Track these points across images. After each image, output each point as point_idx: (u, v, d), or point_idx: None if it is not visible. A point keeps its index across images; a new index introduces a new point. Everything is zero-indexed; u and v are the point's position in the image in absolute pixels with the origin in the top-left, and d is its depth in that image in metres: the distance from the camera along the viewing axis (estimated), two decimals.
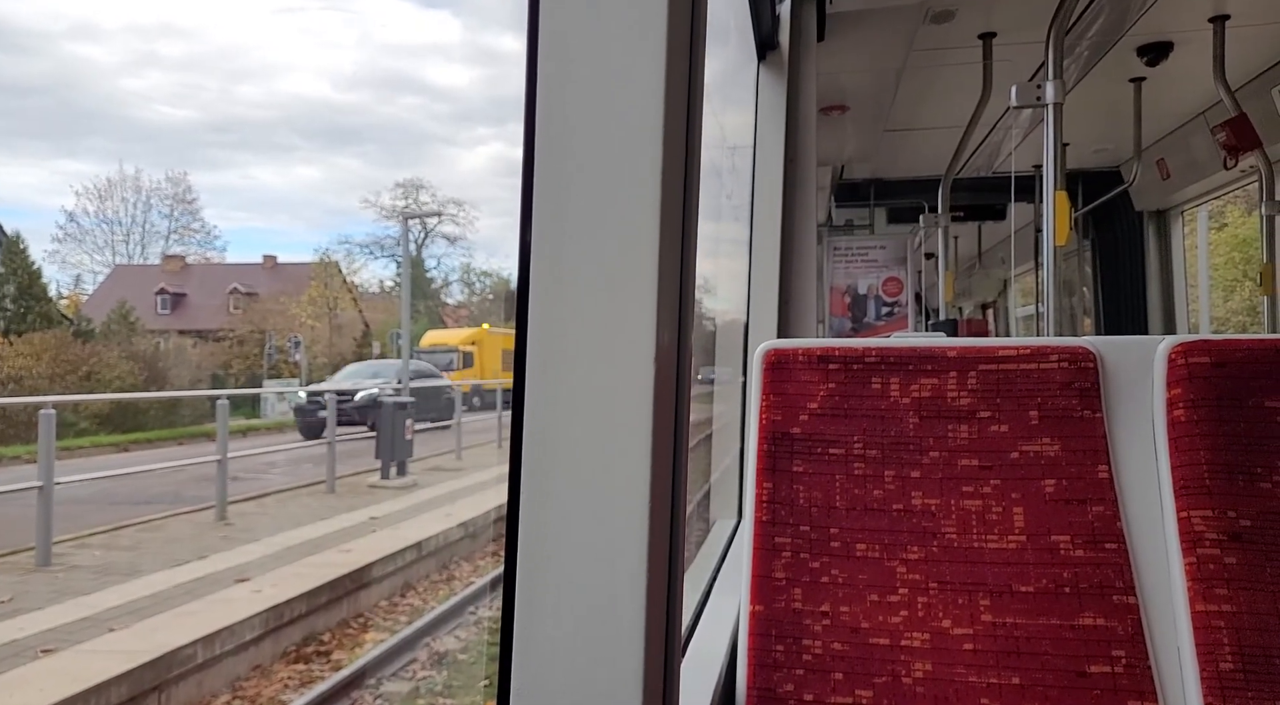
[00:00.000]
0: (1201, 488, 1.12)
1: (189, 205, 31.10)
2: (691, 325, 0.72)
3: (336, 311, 27.41)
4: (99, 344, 18.99)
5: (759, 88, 2.45)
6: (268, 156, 38.40)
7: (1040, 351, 1.22)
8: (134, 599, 6.11)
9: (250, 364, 23.66)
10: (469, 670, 5.97)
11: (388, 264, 36.03)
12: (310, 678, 5.71)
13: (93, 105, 33.72)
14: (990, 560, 1.14)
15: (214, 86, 34.99)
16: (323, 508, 9.72)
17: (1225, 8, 2.96)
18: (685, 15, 0.66)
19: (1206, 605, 1.08)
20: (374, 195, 44.03)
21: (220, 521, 8.81)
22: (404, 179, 40.42)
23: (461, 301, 37.10)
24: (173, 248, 30.24)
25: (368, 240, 36.66)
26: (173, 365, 21.42)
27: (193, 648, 5.30)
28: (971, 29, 3.12)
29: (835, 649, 1.13)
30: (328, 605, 6.58)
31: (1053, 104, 2.48)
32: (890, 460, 1.21)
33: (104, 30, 34.66)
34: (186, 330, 25.49)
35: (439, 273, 37.07)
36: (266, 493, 10.49)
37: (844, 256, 5.15)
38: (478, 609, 7.05)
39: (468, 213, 37.81)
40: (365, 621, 6.81)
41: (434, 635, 6.44)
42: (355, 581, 6.96)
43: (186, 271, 29.33)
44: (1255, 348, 1.16)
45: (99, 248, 30.25)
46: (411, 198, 36.33)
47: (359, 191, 40.45)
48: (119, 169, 31.22)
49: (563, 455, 0.63)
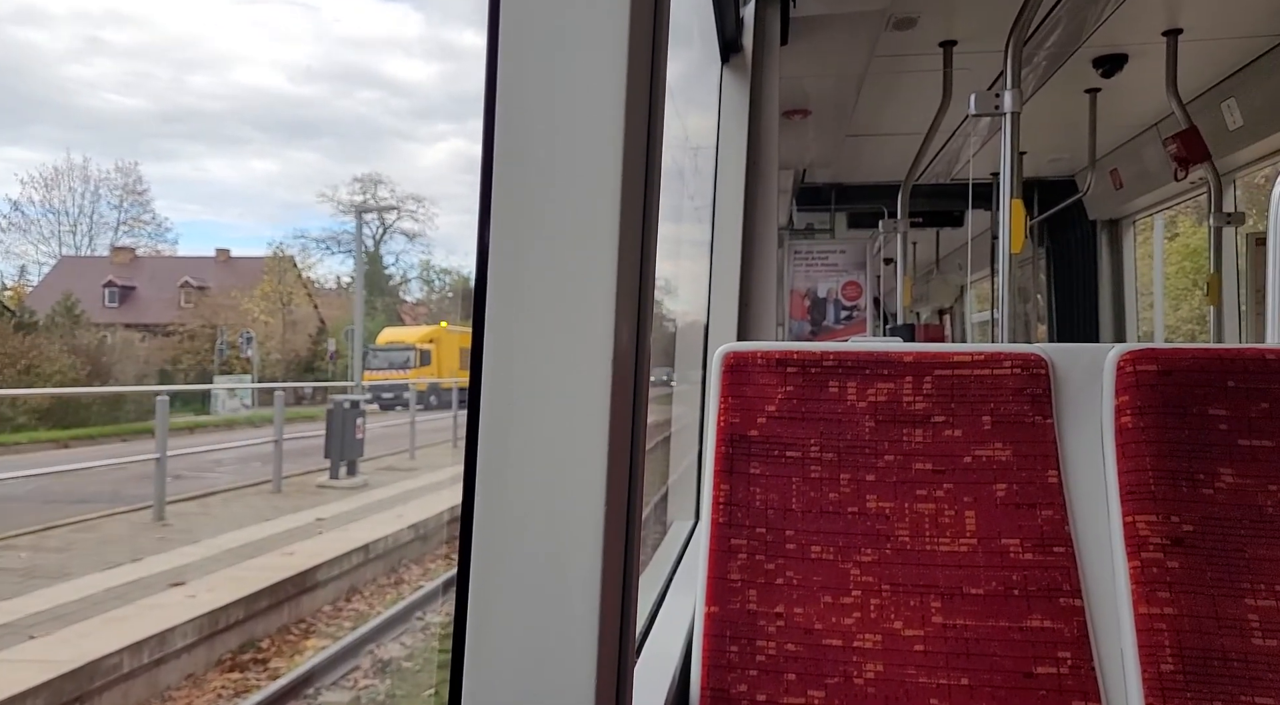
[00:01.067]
0: (1146, 493, 1.14)
1: (139, 196, 30.05)
2: (650, 326, 0.71)
3: (291, 307, 26.92)
4: (40, 337, 18.43)
5: (722, 90, 2.46)
6: (221, 148, 37.66)
7: (994, 357, 1.23)
8: (60, 604, 5.83)
9: (201, 359, 22.98)
10: (414, 678, 5.84)
11: (345, 260, 35.46)
12: (245, 687, 5.53)
13: (39, 92, 32.81)
14: (942, 563, 1.16)
15: (165, 76, 34.20)
16: (268, 508, 9.46)
17: (1178, 22, 3.03)
18: (647, 16, 0.65)
19: (1149, 608, 1.10)
20: (331, 189, 42.76)
21: (158, 522, 8.45)
22: (362, 173, 39.59)
23: (420, 299, 36.57)
24: (122, 239, 29.26)
25: (324, 235, 35.32)
26: (119, 360, 20.71)
27: (119, 656, 5.08)
28: (933, 37, 3.16)
29: (789, 650, 1.14)
30: (268, 610, 6.38)
31: (1010, 113, 2.52)
32: (846, 463, 1.22)
33: (50, 16, 33.79)
34: (135, 324, 24.70)
35: (397, 269, 36.47)
36: (210, 492, 10.15)
37: (804, 260, 5.19)
38: (425, 614, 6.91)
39: (427, 209, 36.89)
40: (307, 627, 6.63)
41: (379, 642, 6.30)
42: (297, 586, 6.75)
43: (136, 264, 28.37)
44: (1200, 356, 1.19)
45: (45, 238, 29.34)
46: (370, 193, 35.33)
47: (316, 185, 39.51)
48: (66, 157, 30.09)
49: (518, 456, 0.63)
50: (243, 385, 20.55)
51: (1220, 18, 2.99)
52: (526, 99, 0.63)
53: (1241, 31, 3.10)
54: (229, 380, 21.85)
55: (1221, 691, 1.05)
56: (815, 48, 3.13)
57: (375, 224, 34.71)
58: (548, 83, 0.62)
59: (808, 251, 5.23)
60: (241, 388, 19.82)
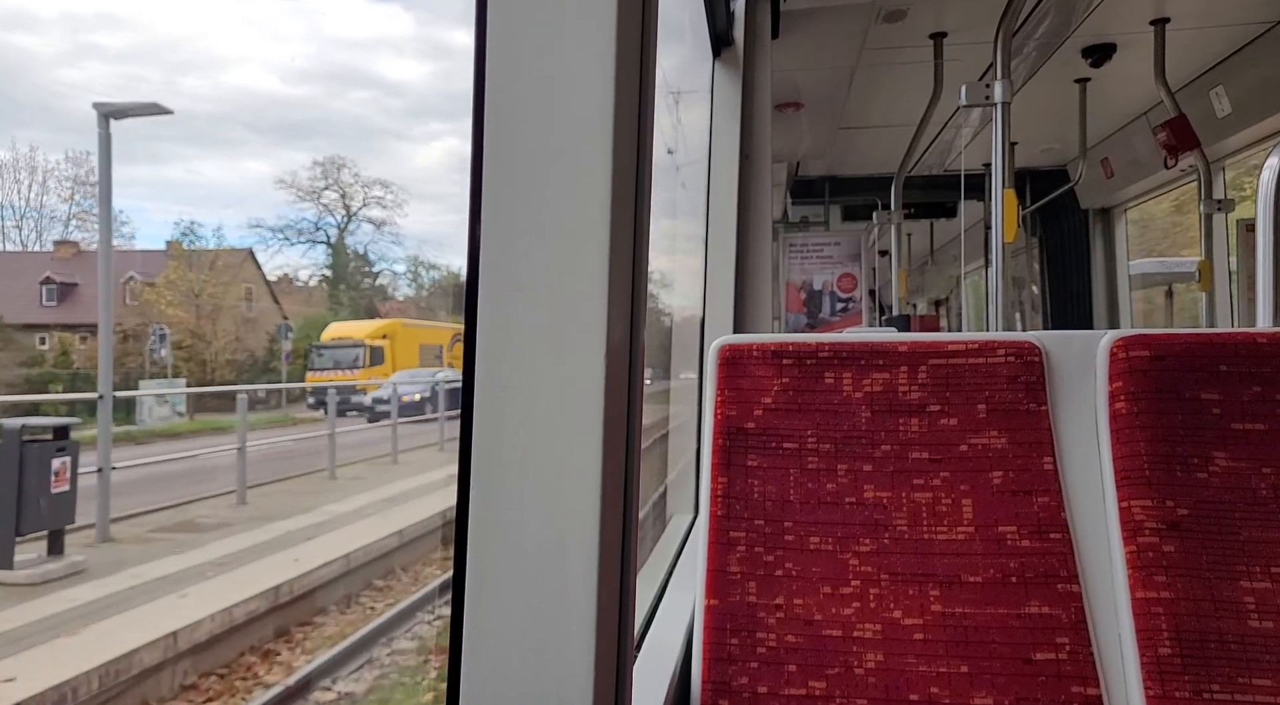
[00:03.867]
0: (1141, 478, 1.15)
1: (92, 188, 27.43)
2: (644, 322, 0.71)
3: (252, 302, 24.98)
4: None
5: (714, 84, 2.46)
6: (213, 150, 37.36)
7: (988, 346, 1.24)
8: None
9: (144, 361, 20.86)
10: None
11: (307, 251, 33.36)
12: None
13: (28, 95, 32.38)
14: (940, 551, 1.16)
15: (157, 78, 33.87)
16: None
17: (1165, 10, 3.04)
18: (636, 11, 0.66)
19: (1146, 592, 1.11)
20: (289, 175, 37.99)
21: None
22: (323, 157, 36.26)
23: (409, 295, 35.03)
24: (73, 233, 26.69)
25: (280, 224, 32.26)
26: (49, 366, 18.30)
27: None
28: (923, 29, 3.17)
29: (789, 641, 1.14)
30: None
31: (1001, 103, 2.53)
32: (843, 454, 1.22)
33: (40, 20, 33.49)
34: (76, 324, 22.14)
35: (359, 258, 34.36)
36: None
37: (799, 252, 5.19)
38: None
39: (395, 195, 34.44)
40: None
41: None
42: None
43: (79, 259, 24.96)
44: (1192, 341, 1.19)
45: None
46: (332, 177, 32.53)
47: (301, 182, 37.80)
48: (12, 150, 27.27)
49: (513, 454, 0.63)
50: (175, 391, 17.88)
51: (1207, 6, 2.99)
52: (516, 95, 0.63)
53: (1228, 19, 3.11)
54: (160, 384, 19.38)
55: (1219, 674, 1.06)
56: (806, 41, 3.13)
57: (340, 213, 32.30)
58: (536, 81, 0.62)
59: (802, 244, 5.23)
60: (173, 393, 17.14)
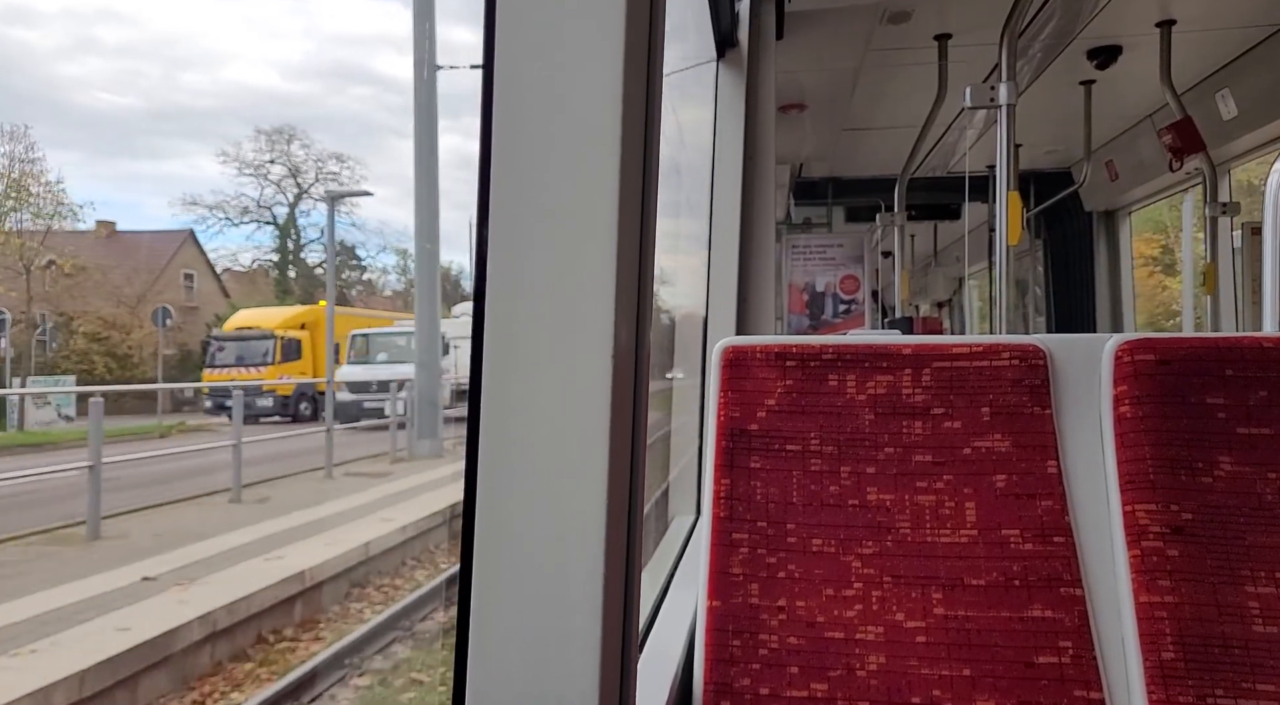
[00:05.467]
0: (1146, 482, 1.15)
1: (31, 165, 24.48)
2: (650, 323, 0.71)
3: (192, 285, 22.66)
4: None
5: (718, 85, 2.46)
6: (214, 146, 37.15)
7: (992, 349, 1.24)
8: None
9: (56, 355, 18.30)
10: None
11: (253, 232, 29.07)
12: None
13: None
14: (943, 554, 1.16)
15: (155, 73, 33.54)
16: None
17: (1171, 13, 3.04)
18: (644, 12, 0.66)
19: (1150, 596, 1.10)
20: (234, 146, 33.16)
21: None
22: (269, 127, 31.54)
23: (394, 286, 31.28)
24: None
25: (217, 201, 28.10)
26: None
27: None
28: (927, 30, 3.16)
29: (791, 643, 1.14)
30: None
31: (1005, 105, 2.52)
32: (846, 456, 1.22)
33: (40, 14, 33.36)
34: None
35: (316, 241, 30.00)
36: None
37: (802, 254, 5.19)
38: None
39: (353, 170, 30.10)
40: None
41: None
42: None
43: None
44: (1197, 346, 1.19)
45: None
46: (280, 149, 28.91)
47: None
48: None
49: (520, 453, 0.63)
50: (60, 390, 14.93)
51: (1213, 8, 2.99)
52: (524, 97, 0.63)
53: (1235, 21, 3.10)
54: (44, 382, 16.63)
55: (1223, 679, 1.06)
56: (810, 42, 3.13)
57: (290, 188, 28.94)
58: (545, 81, 0.63)
59: (805, 246, 5.23)
60: (57, 393, 14.32)
